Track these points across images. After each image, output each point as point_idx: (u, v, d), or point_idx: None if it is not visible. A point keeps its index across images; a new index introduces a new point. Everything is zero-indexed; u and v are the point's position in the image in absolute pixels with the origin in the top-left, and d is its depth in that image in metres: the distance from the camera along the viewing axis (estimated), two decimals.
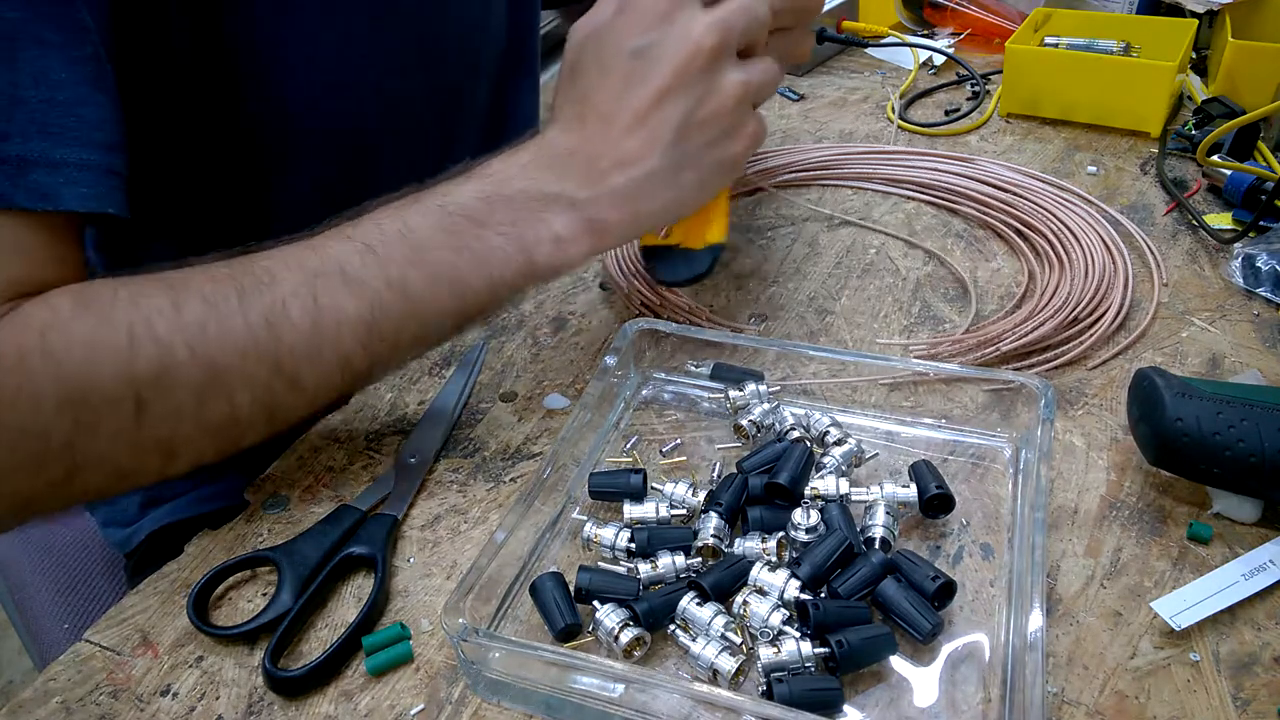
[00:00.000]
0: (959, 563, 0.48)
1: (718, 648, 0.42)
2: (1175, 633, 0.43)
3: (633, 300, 0.66)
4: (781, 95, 0.96)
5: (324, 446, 0.58)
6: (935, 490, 0.48)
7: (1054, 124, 0.87)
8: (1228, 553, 0.47)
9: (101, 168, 0.47)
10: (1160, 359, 0.59)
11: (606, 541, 0.48)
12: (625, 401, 0.58)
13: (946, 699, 0.42)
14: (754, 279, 0.69)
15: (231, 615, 0.48)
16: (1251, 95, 0.81)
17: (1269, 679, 0.42)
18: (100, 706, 0.44)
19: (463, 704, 0.43)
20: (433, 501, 0.54)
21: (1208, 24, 0.93)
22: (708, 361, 0.58)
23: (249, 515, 0.54)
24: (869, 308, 0.66)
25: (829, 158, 0.81)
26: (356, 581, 0.49)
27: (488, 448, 0.57)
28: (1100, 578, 0.46)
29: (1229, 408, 0.47)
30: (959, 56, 0.97)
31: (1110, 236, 0.68)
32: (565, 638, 0.45)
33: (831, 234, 0.74)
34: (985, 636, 0.44)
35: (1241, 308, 0.63)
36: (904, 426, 0.56)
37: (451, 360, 0.64)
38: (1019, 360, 0.59)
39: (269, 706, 0.44)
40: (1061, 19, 0.93)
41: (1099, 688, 0.42)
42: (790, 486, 0.49)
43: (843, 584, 0.44)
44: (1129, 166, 0.80)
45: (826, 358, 0.57)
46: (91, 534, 0.86)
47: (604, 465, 0.55)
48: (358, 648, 0.45)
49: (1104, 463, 0.53)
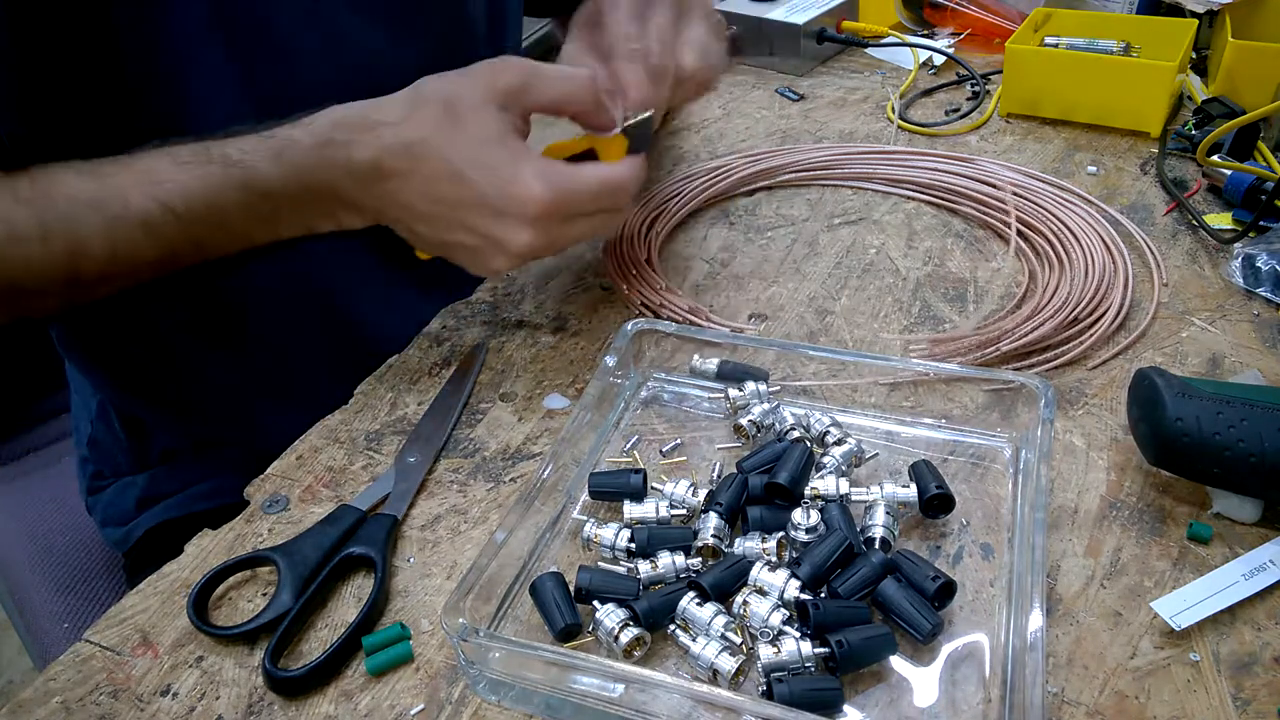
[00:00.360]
0: (959, 563, 0.48)
1: (718, 648, 0.42)
2: (1175, 633, 0.43)
3: (633, 300, 0.66)
4: (781, 95, 0.96)
5: (324, 446, 0.58)
6: (935, 490, 0.48)
7: (1054, 124, 0.87)
8: (1228, 553, 0.47)
9: None
10: (1160, 359, 0.59)
11: (606, 541, 0.48)
12: (625, 401, 0.58)
13: (946, 699, 0.42)
14: (754, 279, 0.69)
15: (231, 615, 0.48)
16: (1251, 95, 0.81)
17: (1269, 679, 0.42)
18: (100, 706, 0.44)
19: (463, 704, 0.43)
20: (433, 501, 0.54)
21: (1208, 24, 0.93)
22: (712, 358, 0.58)
23: (249, 515, 0.54)
24: (869, 308, 0.66)
25: (829, 158, 0.81)
26: (356, 581, 0.49)
27: (488, 448, 0.57)
28: (1100, 578, 0.46)
29: (1229, 408, 0.47)
30: (959, 56, 0.97)
31: (1110, 236, 0.68)
32: (565, 638, 0.45)
33: (831, 234, 0.74)
34: (985, 636, 0.44)
35: (1241, 308, 0.63)
36: (904, 426, 0.56)
37: (451, 360, 0.64)
38: (1019, 360, 0.59)
39: (269, 706, 0.44)
40: (1061, 19, 0.93)
41: (1099, 688, 0.42)
42: (790, 486, 0.49)
43: (843, 584, 0.44)
44: (1129, 166, 0.80)
45: (826, 358, 0.57)
46: (91, 534, 0.86)
47: (604, 465, 0.55)
48: (358, 648, 0.45)
49: (1104, 463, 0.53)
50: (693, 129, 0.91)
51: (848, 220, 0.76)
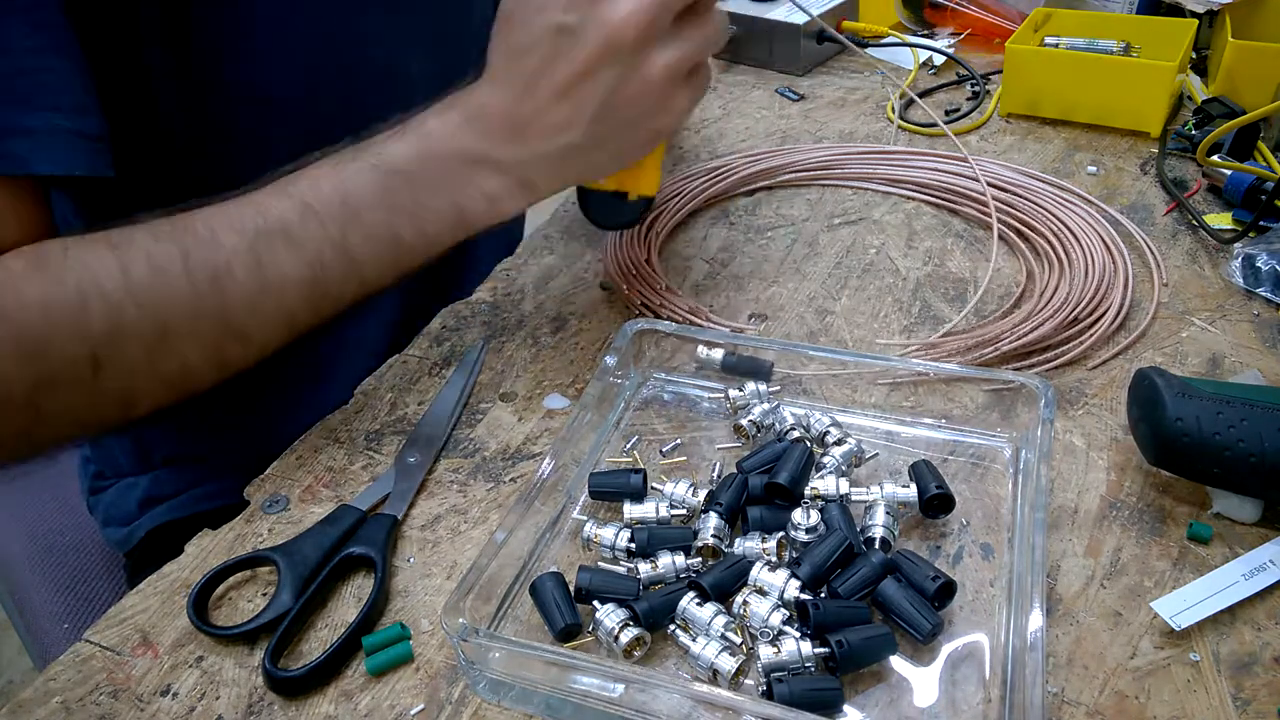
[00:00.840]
0: (959, 563, 0.48)
1: (718, 648, 0.42)
2: (1175, 633, 0.43)
3: (633, 300, 0.66)
4: (781, 95, 0.96)
5: (324, 446, 0.58)
6: (935, 490, 0.48)
7: (1054, 124, 0.87)
8: (1228, 553, 0.47)
9: (70, 131, 0.48)
10: (1160, 359, 0.59)
11: (606, 541, 0.48)
12: (625, 401, 0.58)
13: (946, 699, 0.42)
14: (754, 279, 0.69)
15: (231, 615, 0.48)
16: (1251, 95, 0.81)
17: (1269, 679, 0.42)
18: (100, 706, 0.44)
19: (463, 704, 0.43)
20: (433, 501, 0.54)
21: (1208, 24, 0.93)
22: (717, 349, 0.58)
23: (249, 515, 0.54)
24: (869, 308, 0.66)
25: (829, 158, 0.81)
26: (356, 581, 0.49)
27: (488, 448, 0.57)
28: (1100, 578, 0.46)
29: (1229, 408, 0.47)
30: (959, 56, 0.97)
31: (1110, 236, 0.68)
32: (565, 638, 0.45)
33: (831, 234, 0.74)
34: (985, 636, 0.44)
35: (1241, 308, 0.63)
36: (904, 426, 0.56)
37: (451, 360, 0.64)
38: (1019, 360, 0.59)
39: (269, 706, 0.44)
40: (1061, 19, 0.93)
41: (1099, 688, 0.42)
42: (790, 486, 0.49)
43: (843, 584, 0.44)
44: (1129, 166, 0.80)
45: (826, 358, 0.57)
46: (91, 534, 0.86)
47: (604, 465, 0.55)
48: (358, 648, 0.45)
49: (1104, 463, 0.53)
50: (693, 129, 0.91)
51: (848, 220, 0.76)
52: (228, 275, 0.48)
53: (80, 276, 0.46)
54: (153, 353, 0.48)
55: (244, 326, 0.50)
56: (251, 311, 0.50)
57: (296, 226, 0.50)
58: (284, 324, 0.52)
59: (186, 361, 0.49)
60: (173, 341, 0.48)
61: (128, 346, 0.47)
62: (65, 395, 0.47)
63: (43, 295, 0.46)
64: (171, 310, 0.48)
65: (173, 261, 0.48)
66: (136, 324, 0.47)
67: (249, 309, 0.50)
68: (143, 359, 0.48)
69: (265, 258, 0.49)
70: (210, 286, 0.48)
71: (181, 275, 0.48)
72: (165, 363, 0.49)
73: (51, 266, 0.47)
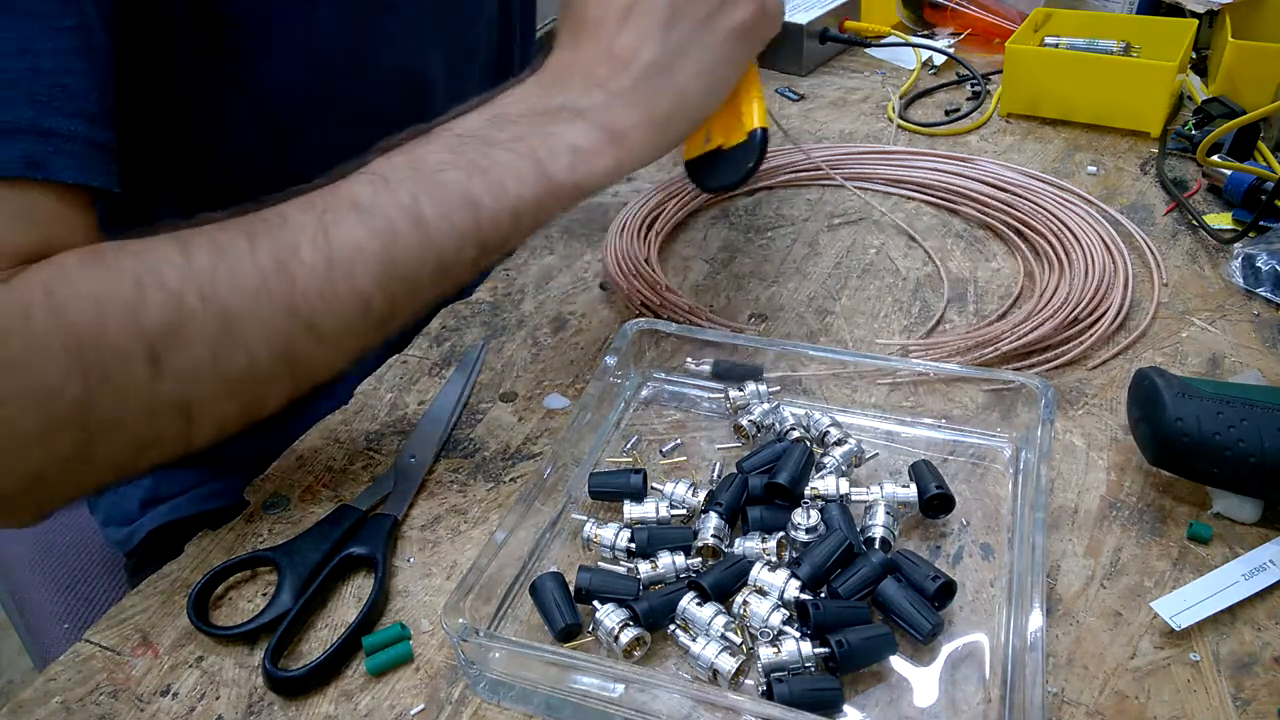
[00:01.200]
0: (959, 563, 0.48)
1: (718, 648, 0.42)
2: (1175, 633, 0.43)
3: (633, 300, 0.66)
4: (781, 95, 0.96)
5: (324, 446, 0.58)
6: (935, 490, 0.48)
7: (1054, 124, 0.87)
8: (1228, 553, 0.47)
9: (85, 139, 0.45)
10: (1160, 359, 0.59)
11: (606, 541, 0.48)
12: (625, 401, 0.58)
13: (946, 699, 0.42)
14: (754, 279, 0.69)
15: (231, 615, 0.48)
16: (1251, 95, 0.81)
17: (1269, 679, 0.42)
18: (100, 706, 0.44)
19: (463, 704, 0.43)
20: (433, 501, 0.54)
21: (1208, 24, 0.93)
22: (707, 360, 0.58)
23: (249, 515, 0.54)
24: (869, 308, 0.66)
25: (829, 158, 0.81)
26: (356, 581, 0.49)
27: (488, 448, 0.57)
28: (1100, 578, 0.46)
29: (1229, 408, 0.47)
30: (959, 56, 0.97)
31: (1110, 236, 0.68)
32: (565, 638, 0.45)
33: (831, 234, 0.74)
34: (985, 636, 0.44)
35: (1241, 308, 0.63)
36: (904, 426, 0.56)
37: (451, 360, 0.64)
38: (1019, 360, 0.59)
39: (269, 706, 0.44)
40: (1061, 19, 0.93)
41: (1099, 688, 0.42)
42: (790, 486, 0.49)
43: (843, 584, 0.44)
44: (1129, 166, 0.80)
45: (826, 358, 0.57)
46: (91, 533, 0.86)
47: (604, 465, 0.55)
48: (358, 648, 0.45)
49: (1104, 463, 0.53)
50: None
51: (848, 220, 0.76)
52: (293, 254, 0.44)
53: (137, 266, 0.43)
54: (216, 347, 0.43)
55: (313, 313, 0.45)
56: (320, 293, 0.45)
57: (367, 197, 0.46)
58: (357, 310, 0.46)
59: (253, 358, 0.44)
60: (237, 333, 0.43)
61: (188, 341, 0.43)
62: (119, 402, 0.42)
63: (96, 286, 0.42)
64: (235, 295, 0.43)
65: (236, 243, 0.44)
66: (198, 314, 0.43)
67: (317, 291, 0.45)
68: (205, 356, 0.43)
69: (333, 231, 0.45)
70: (275, 266, 0.44)
71: (246, 256, 0.44)
72: (230, 360, 0.44)
73: (107, 258, 0.43)
